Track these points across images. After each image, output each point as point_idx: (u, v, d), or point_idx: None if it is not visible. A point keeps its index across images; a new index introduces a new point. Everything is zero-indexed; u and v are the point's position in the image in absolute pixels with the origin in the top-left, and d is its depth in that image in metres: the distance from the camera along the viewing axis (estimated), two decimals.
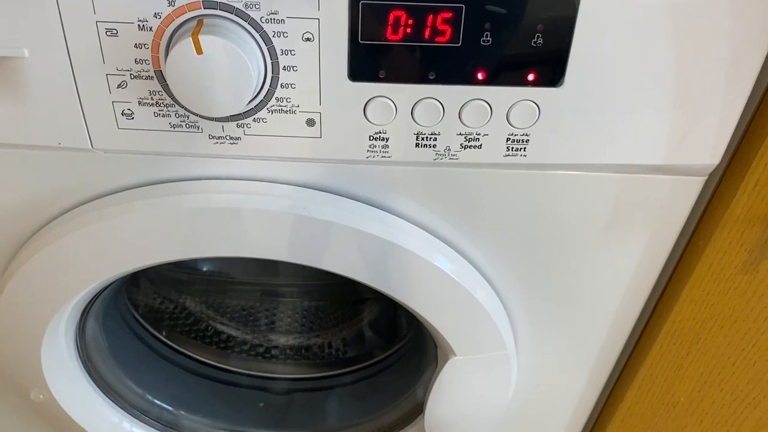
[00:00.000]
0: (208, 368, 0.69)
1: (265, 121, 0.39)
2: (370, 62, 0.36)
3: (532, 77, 0.37)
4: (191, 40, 0.33)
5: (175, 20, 0.35)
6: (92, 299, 0.53)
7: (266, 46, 0.36)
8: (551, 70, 0.37)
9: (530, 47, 0.36)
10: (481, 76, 0.37)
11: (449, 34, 0.35)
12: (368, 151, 0.40)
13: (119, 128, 0.40)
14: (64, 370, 0.55)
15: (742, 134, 0.42)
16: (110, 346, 0.60)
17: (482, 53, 0.36)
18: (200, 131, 0.40)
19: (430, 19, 0.35)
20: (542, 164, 0.42)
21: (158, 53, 0.36)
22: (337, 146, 0.40)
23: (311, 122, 0.39)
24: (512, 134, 0.39)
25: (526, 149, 0.40)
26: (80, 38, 0.36)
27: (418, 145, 0.40)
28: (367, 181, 0.43)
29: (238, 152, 0.41)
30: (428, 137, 0.40)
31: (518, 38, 0.36)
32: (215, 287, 0.69)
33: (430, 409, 0.55)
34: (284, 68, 0.37)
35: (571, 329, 0.53)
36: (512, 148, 0.40)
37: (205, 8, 0.35)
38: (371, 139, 0.40)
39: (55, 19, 0.35)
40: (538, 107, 0.38)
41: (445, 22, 0.35)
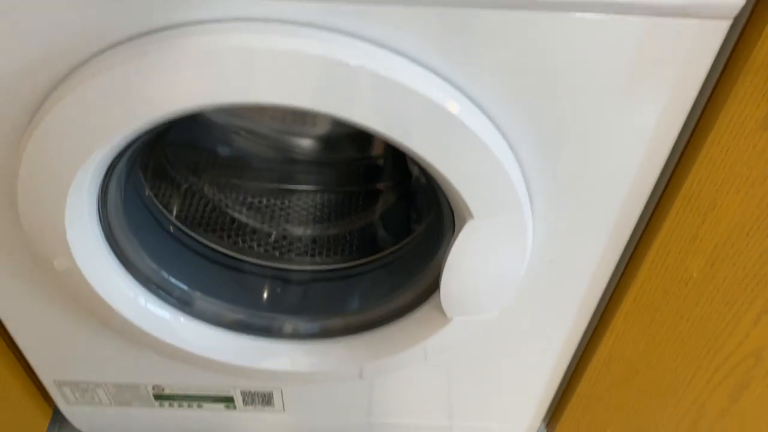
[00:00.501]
0: (224, 257, 0.70)
1: None
2: None
3: None
4: None
5: None
6: (113, 163, 0.54)
7: None
8: None
9: None
10: None
11: None
12: None
13: None
14: (86, 238, 0.56)
15: None
16: (129, 222, 0.61)
17: None
18: None
19: None
20: (562, 2, 0.41)
21: None
22: None
23: None
24: None
25: None
26: None
27: None
28: (382, 24, 0.43)
29: None
30: None
31: None
32: (232, 173, 0.70)
33: (445, 280, 0.56)
34: None
35: (587, 196, 0.53)
36: None
37: None
38: None
39: None
40: None
41: None
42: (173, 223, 0.67)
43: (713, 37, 0.43)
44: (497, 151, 0.47)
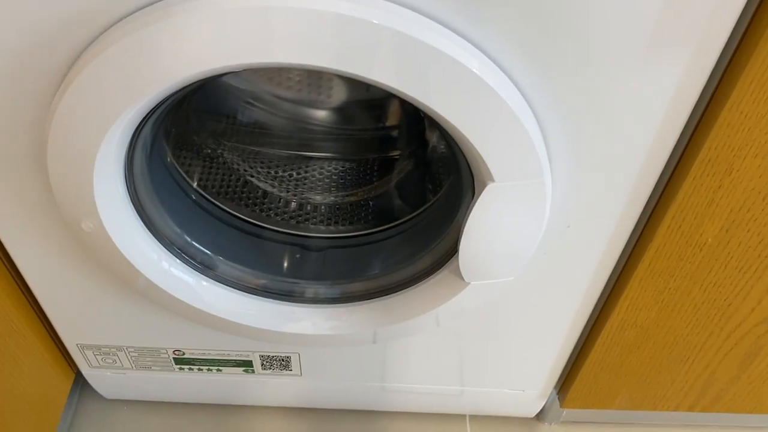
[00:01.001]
0: (245, 223, 0.72)
1: None
2: None
3: None
4: None
5: None
6: (138, 129, 0.55)
7: None
8: None
9: None
10: None
11: None
12: None
13: None
14: (113, 201, 0.57)
15: None
16: (154, 187, 0.62)
17: None
18: None
19: None
20: None
21: None
22: None
23: None
24: None
25: None
26: None
27: None
28: None
29: None
30: None
31: None
32: (252, 140, 0.71)
33: (464, 244, 0.57)
34: None
35: (605, 160, 0.54)
36: None
37: None
38: None
39: None
40: None
41: None
42: (196, 189, 0.68)
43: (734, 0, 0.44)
44: (519, 113, 0.48)
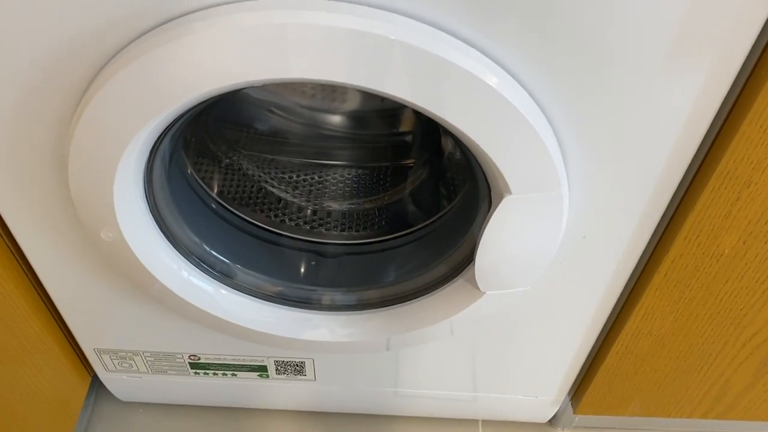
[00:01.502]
0: (262, 231, 0.72)
1: None
2: None
3: None
4: None
5: None
6: (158, 141, 0.55)
7: None
8: None
9: None
10: None
11: None
12: None
13: None
14: (133, 211, 0.58)
15: None
16: (173, 198, 0.63)
17: None
18: None
19: None
20: None
21: None
22: None
23: None
24: None
25: None
26: None
27: None
28: None
29: None
30: None
31: None
32: (269, 148, 0.71)
33: (480, 254, 0.57)
34: None
35: (623, 172, 0.54)
36: None
37: None
38: None
39: None
40: None
41: None
42: (214, 198, 0.69)
43: (757, 11, 0.44)
44: (537, 126, 0.48)
